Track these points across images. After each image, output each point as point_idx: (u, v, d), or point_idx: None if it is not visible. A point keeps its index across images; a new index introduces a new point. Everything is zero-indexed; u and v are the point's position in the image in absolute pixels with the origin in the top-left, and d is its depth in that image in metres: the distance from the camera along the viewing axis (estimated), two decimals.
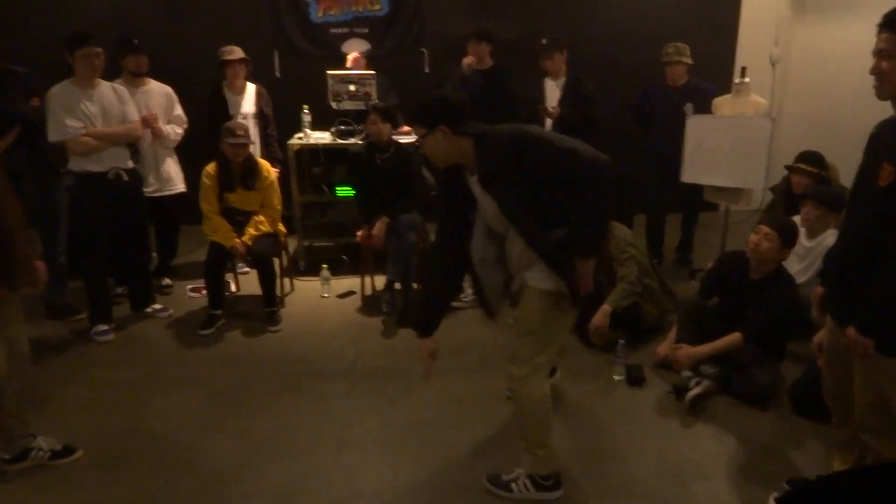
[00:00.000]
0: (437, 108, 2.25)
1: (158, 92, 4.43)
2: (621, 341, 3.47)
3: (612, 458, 2.77)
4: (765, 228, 3.19)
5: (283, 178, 4.71)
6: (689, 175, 4.53)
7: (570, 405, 3.20)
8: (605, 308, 3.62)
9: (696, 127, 4.47)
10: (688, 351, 3.28)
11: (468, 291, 4.52)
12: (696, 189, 4.70)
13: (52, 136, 3.65)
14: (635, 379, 3.39)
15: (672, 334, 3.53)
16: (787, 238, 3.18)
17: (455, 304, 4.43)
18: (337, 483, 2.62)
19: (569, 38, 5.11)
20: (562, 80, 4.81)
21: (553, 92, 4.83)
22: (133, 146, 4.07)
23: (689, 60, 4.79)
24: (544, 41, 4.82)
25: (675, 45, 4.79)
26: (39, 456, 2.71)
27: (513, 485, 2.53)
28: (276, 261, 4.30)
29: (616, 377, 3.44)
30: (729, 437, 2.92)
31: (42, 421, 2.99)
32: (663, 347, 3.53)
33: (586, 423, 3.04)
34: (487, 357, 3.72)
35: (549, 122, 4.79)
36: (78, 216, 3.93)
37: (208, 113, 4.62)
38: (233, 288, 4.78)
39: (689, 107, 4.69)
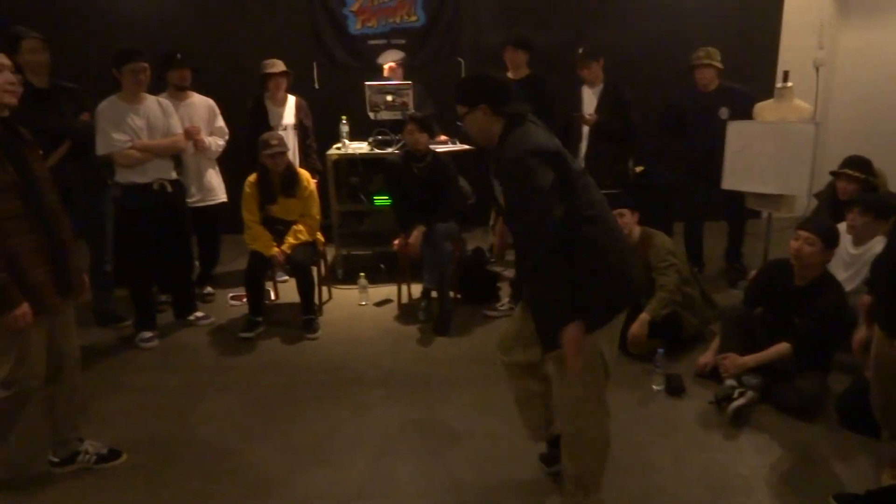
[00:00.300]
0: (478, 87, 2.28)
1: (201, 105, 4.55)
2: (660, 350, 3.42)
3: (651, 470, 2.73)
4: (804, 233, 3.12)
5: (322, 188, 4.78)
6: (729, 182, 4.45)
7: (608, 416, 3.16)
8: (644, 317, 3.58)
9: (737, 132, 4.39)
10: (735, 360, 3.21)
11: (504, 300, 4.52)
12: (739, 196, 4.61)
13: (101, 149, 3.77)
14: (675, 389, 3.34)
15: (714, 344, 3.47)
16: (828, 239, 3.11)
17: (491, 312, 4.43)
18: (376, 491, 2.64)
19: (605, 45, 5.08)
20: (599, 88, 4.78)
21: (590, 99, 4.81)
22: (177, 158, 4.18)
23: (718, 64, 4.71)
24: (581, 50, 4.80)
25: (705, 49, 4.73)
26: (86, 459, 2.79)
27: None
28: (314, 269, 4.36)
29: (655, 387, 3.39)
30: (773, 449, 2.85)
31: (89, 425, 3.08)
32: (705, 357, 3.47)
33: (624, 433, 2.99)
34: None
35: (585, 130, 4.77)
36: (123, 226, 4.05)
37: (250, 124, 4.71)
38: (272, 296, 4.86)
39: (723, 111, 4.62)
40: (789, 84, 4.55)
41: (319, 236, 4.42)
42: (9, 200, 2.30)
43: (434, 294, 4.39)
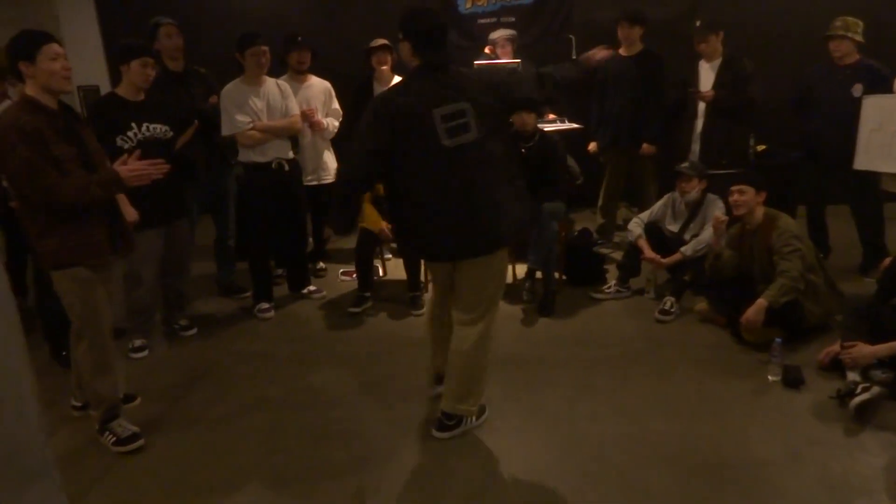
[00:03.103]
0: (409, 22, 2.62)
1: (319, 87, 4.71)
2: (777, 340, 3.23)
3: (764, 465, 2.59)
4: None
5: None
6: (862, 162, 4.10)
7: (719, 405, 3.04)
8: (761, 303, 3.39)
9: (874, 108, 4.03)
10: (863, 349, 3.00)
11: (611, 283, 4.42)
12: (873, 178, 4.23)
13: (225, 130, 4.01)
14: (793, 380, 3.15)
15: (839, 336, 3.24)
16: None
17: (598, 295, 4.35)
18: (475, 465, 2.69)
19: (725, 17, 4.79)
20: (717, 62, 4.53)
21: (707, 75, 4.57)
22: (294, 138, 4.37)
23: (858, 37, 4.26)
24: (698, 23, 4.56)
25: (844, 20, 4.31)
26: (90, 415, 2.95)
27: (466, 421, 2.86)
28: None
29: (771, 378, 3.21)
30: None
31: (209, 389, 3.33)
32: (829, 349, 3.25)
33: (736, 424, 2.88)
34: (629, 349, 3.63)
35: (702, 106, 4.55)
36: (245, 204, 4.30)
37: (355, 102, 4.80)
38: (381, 272, 5.01)
39: (857, 87, 4.22)
40: None
41: None
42: (73, 170, 2.59)
43: (539, 274, 4.36)
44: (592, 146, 5.20)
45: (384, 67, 4.78)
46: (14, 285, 3.85)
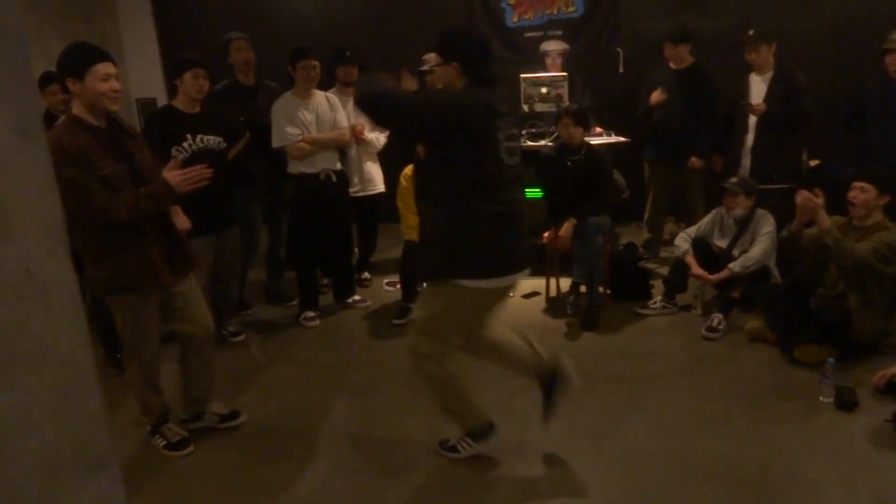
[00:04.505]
0: (457, 44, 2.44)
1: None
2: (830, 360, 3.14)
3: (815, 489, 2.52)
4: None
5: None
6: None
7: (768, 425, 2.97)
8: (835, 219, 3.35)
9: None
10: None
11: (657, 298, 4.36)
12: None
13: (275, 142, 4.11)
14: (846, 402, 3.05)
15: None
16: None
17: (643, 310, 4.30)
18: (518, 480, 2.68)
19: (778, 28, 4.71)
20: (768, 75, 4.45)
21: (759, 87, 4.49)
22: (342, 150, 4.45)
23: None
24: (751, 32, 4.49)
25: None
26: (209, 419, 3.09)
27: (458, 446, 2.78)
28: None
29: (823, 399, 3.12)
30: None
31: (254, 393, 3.41)
32: (885, 371, 3.14)
33: (786, 446, 2.80)
34: (674, 366, 3.57)
35: (753, 120, 4.47)
36: (295, 214, 4.39)
37: None
38: (424, 284, 5.02)
39: None
40: None
41: None
42: (122, 188, 2.55)
43: (583, 288, 4.33)
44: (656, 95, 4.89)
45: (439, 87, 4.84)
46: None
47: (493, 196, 2.43)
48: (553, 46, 5.63)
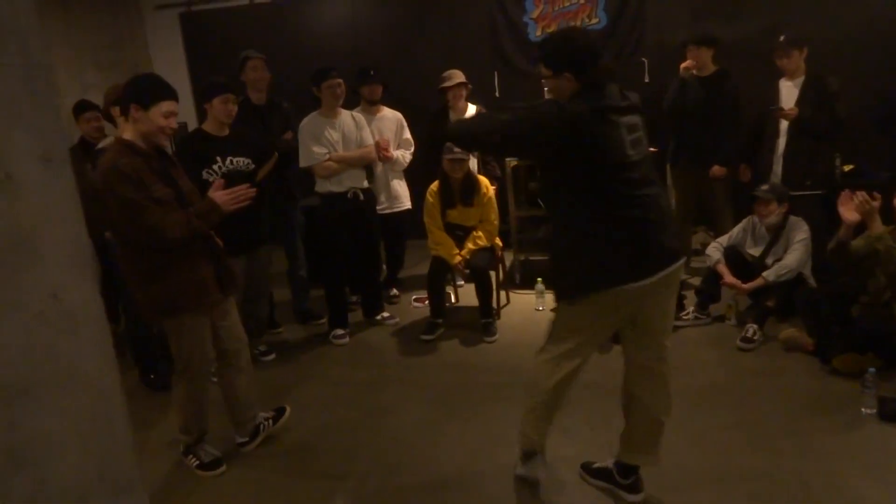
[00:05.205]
0: (565, 53, 2.25)
1: (391, 118, 4.82)
2: (871, 369, 3.04)
3: None
4: None
5: (500, 194, 4.85)
6: None
7: (807, 438, 2.88)
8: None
9: None
10: None
11: (689, 309, 4.29)
12: None
13: (303, 162, 4.16)
14: (890, 413, 2.95)
15: None
16: None
17: (676, 321, 4.20)
18: (548, 497, 2.64)
19: (808, 34, 4.63)
20: (800, 80, 4.37)
21: (790, 93, 4.41)
22: (369, 168, 4.48)
23: None
24: (782, 38, 4.42)
25: None
26: (265, 427, 3.14)
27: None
28: (492, 274, 4.44)
29: (865, 410, 3.02)
30: None
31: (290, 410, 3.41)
32: None
33: (827, 460, 2.71)
34: (710, 378, 3.50)
35: (784, 125, 4.38)
36: (316, 234, 4.42)
37: (431, 129, 4.89)
38: (453, 299, 5.03)
39: None
40: None
41: (498, 241, 4.50)
42: (173, 210, 2.62)
43: None
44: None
45: (460, 102, 4.87)
46: (107, 312, 4.06)
47: (627, 202, 2.25)
48: None
